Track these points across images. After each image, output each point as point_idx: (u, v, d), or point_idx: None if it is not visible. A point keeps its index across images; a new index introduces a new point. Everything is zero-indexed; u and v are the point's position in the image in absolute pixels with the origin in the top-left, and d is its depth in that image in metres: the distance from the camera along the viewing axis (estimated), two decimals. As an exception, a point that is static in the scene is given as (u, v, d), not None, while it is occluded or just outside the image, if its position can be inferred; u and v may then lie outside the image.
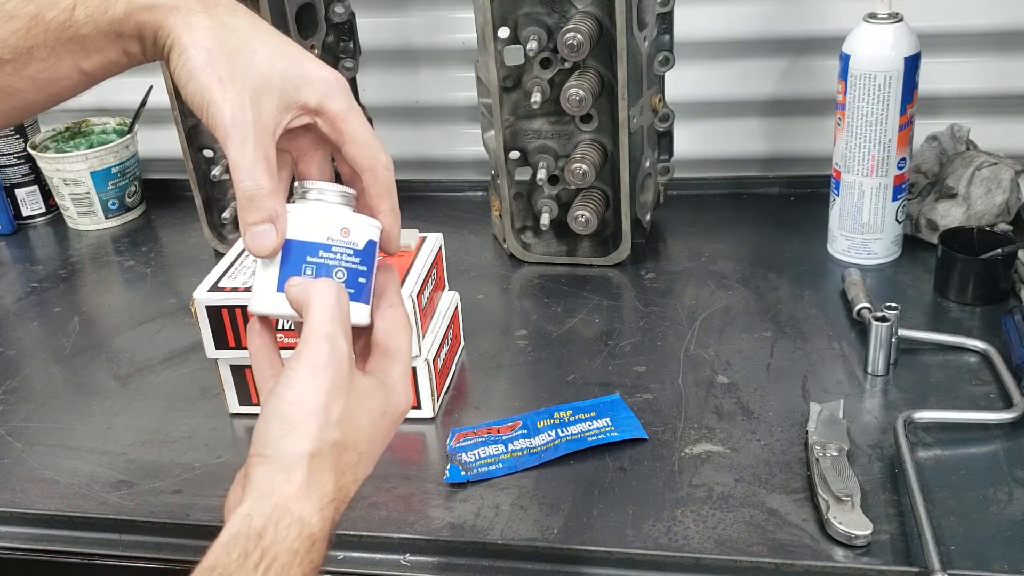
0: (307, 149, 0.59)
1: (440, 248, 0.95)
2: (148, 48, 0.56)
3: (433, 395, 0.89)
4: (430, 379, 0.88)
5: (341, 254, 0.55)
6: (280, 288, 0.55)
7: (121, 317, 1.14)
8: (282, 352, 0.58)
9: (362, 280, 0.57)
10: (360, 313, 0.57)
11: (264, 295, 0.56)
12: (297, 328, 0.54)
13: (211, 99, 0.53)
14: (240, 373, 0.91)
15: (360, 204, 0.58)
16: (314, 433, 0.52)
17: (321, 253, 0.55)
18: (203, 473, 0.86)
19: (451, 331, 0.96)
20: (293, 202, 0.57)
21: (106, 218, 1.37)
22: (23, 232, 1.39)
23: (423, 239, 0.94)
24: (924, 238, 1.11)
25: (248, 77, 0.53)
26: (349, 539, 0.77)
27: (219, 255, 1.20)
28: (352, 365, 0.54)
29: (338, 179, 0.60)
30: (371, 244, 0.57)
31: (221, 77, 0.53)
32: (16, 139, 1.37)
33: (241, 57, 0.54)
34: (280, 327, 0.78)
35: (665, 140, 1.19)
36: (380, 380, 0.57)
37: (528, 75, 1.07)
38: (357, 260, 0.56)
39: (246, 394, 0.92)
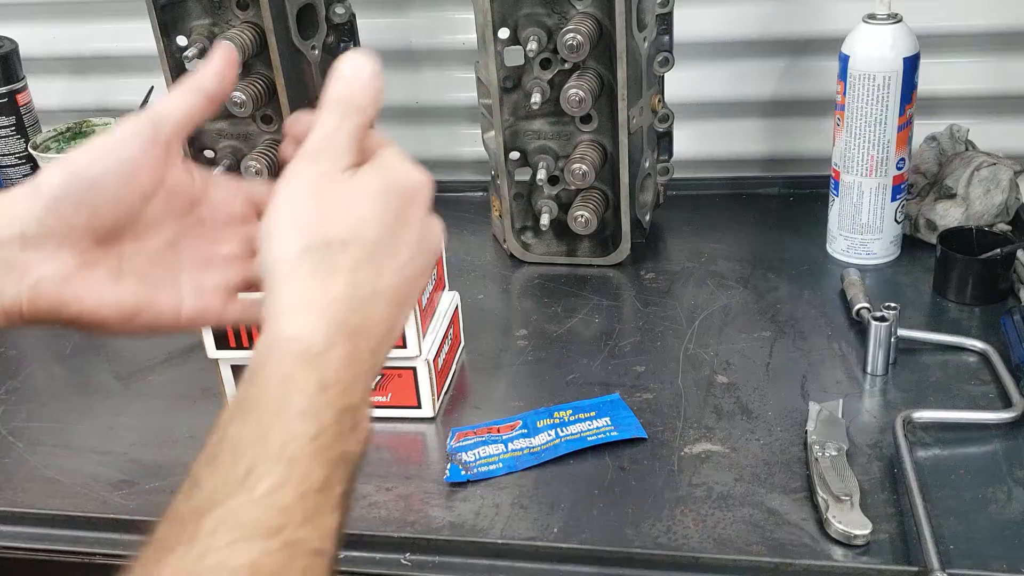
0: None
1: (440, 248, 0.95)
2: None
3: (433, 395, 0.89)
4: (430, 379, 0.88)
5: None
6: None
7: (122, 317, 1.14)
8: None
9: None
10: None
11: None
12: None
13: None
14: (241, 373, 0.91)
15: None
16: (291, 240, 0.45)
17: None
18: (204, 473, 0.86)
19: (451, 331, 0.96)
20: None
21: (107, 218, 1.36)
22: (24, 232, 1.39)
23: (423, 239, 0.94)
24: (923, 238, 1.11)
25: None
26: (349, 538, 0.77)
27: (220, 255, 1.20)
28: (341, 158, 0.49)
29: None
30: None
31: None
32: (17, 139, 1.36)
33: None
34: None
35: (665, 140, 1.19)
36: (371, 164, 0.51)
37: (528, 76, 1.08)
38: None
39: (247, 394, 0.92)
